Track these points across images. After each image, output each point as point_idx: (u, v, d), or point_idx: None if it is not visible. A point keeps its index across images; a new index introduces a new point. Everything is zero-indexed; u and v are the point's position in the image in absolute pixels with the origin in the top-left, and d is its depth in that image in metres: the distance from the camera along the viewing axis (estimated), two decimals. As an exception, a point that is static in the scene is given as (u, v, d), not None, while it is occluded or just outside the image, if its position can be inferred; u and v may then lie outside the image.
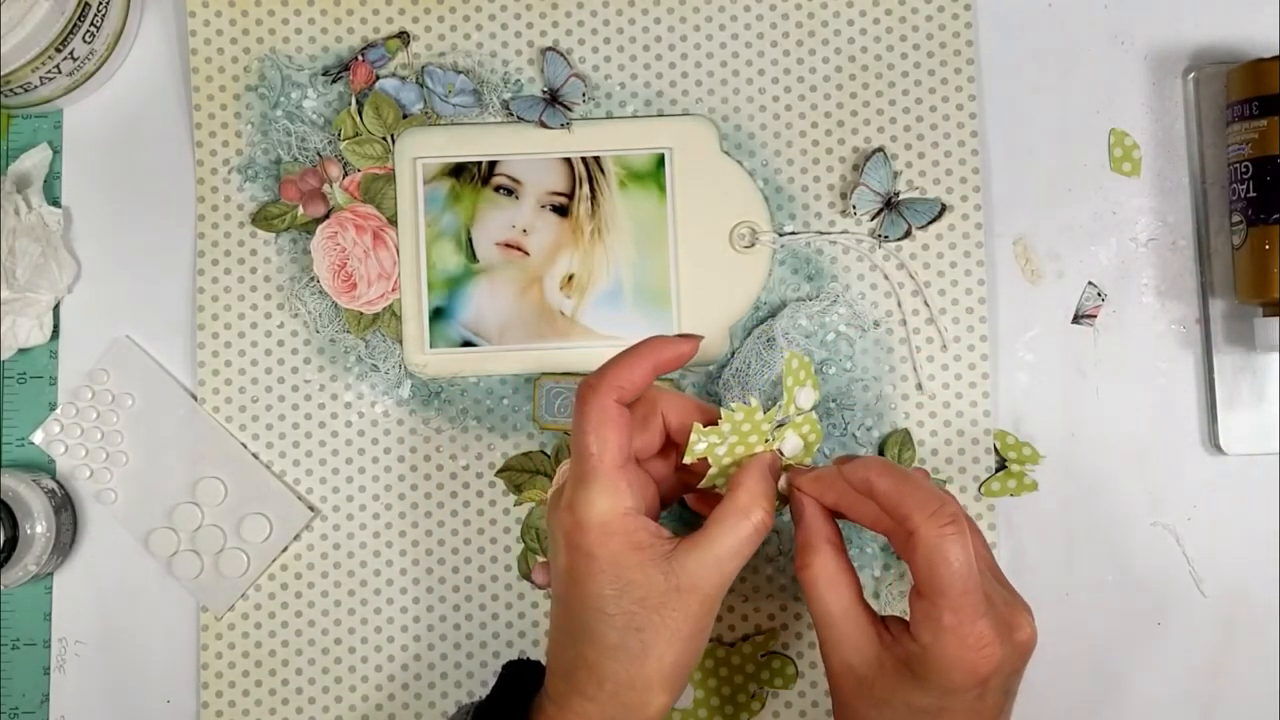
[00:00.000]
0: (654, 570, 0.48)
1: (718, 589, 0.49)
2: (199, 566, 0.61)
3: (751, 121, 0.63)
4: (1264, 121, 0.59)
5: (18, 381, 0.63)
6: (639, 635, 0.48)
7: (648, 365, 0.50)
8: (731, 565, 0.49)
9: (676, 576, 0.48)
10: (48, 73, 0.60)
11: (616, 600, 0.48)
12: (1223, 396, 0.62)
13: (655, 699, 0.48)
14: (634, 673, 0.48)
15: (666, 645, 0.48)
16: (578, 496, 0.48)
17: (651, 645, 0.48)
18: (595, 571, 0.48)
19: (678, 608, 0.48)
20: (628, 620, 0.47)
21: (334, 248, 0.62)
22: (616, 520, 0.48)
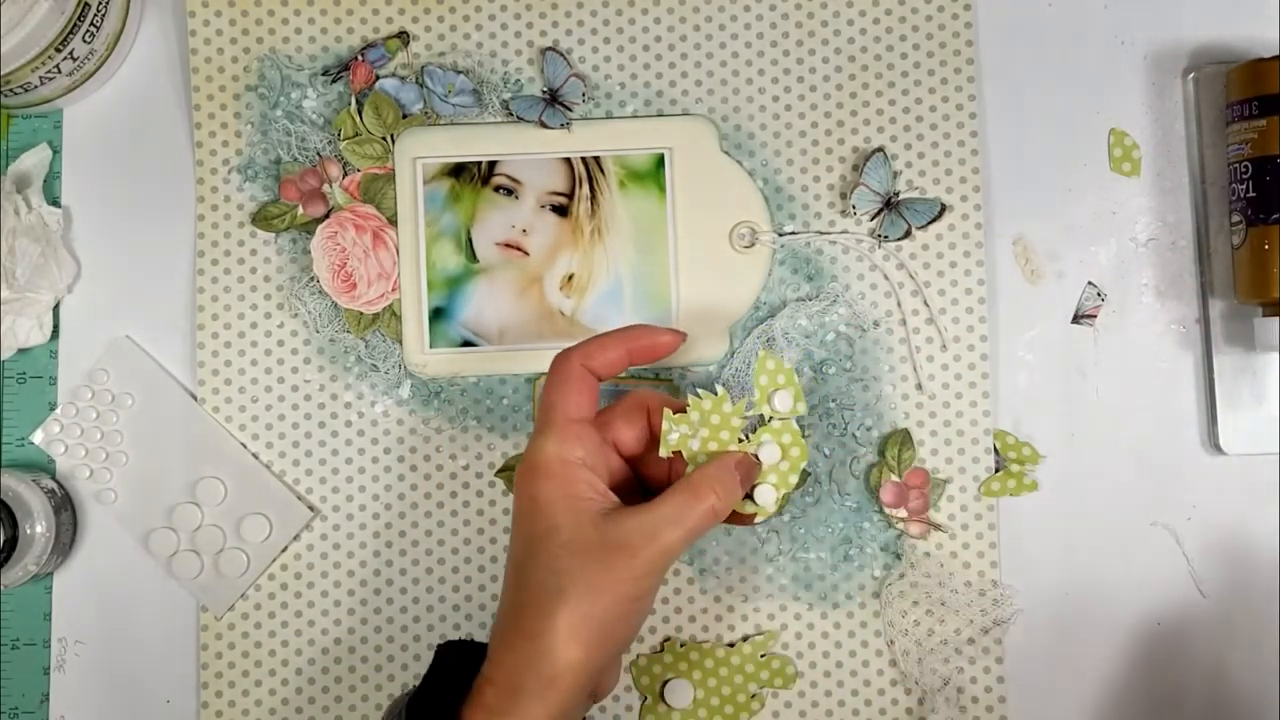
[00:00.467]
0: (585, 521, 0.48)
1: (651, 558, 0.48)
2: (199, 566, 0.61)
3: (751, 121, 0.63)
4: (1264, 121, 0.59)
5: (18, 381, 0.63)
6: (558, 579, 0.47)
7: (622, 345, 0.53)
8: (670, 536, 0.48)
9: (606, 531, 0.48)
10: (48, 73, 0.60)
11: (544, 541, 0.48)
12: (1222, 396, 0.62)
13: (564, 650, 0.47)
14: (547, 617, 0.47)
15: (581, 595, 0.47)
16: (531, 444, 0.50)
17: (568, 590, 0.47)
18: (531, 512, 0.49)
19: (601, 561, 0.47)
20: (550, 562, 0.48)
21: (334, 248, 0.62)
22: (558, 464, 0.49)
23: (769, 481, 0.53)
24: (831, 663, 0.61)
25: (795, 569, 0.61)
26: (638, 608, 0.49)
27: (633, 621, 0.49)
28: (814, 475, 0.61)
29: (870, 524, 0.61)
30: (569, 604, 0.47)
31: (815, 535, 0.61)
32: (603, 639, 0.48)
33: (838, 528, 0.61)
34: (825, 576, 0.61)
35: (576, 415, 0.51)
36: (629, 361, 0.53)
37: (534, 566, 0.48)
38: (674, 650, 0.61)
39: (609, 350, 0.52)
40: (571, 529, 0.48)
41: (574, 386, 0.51)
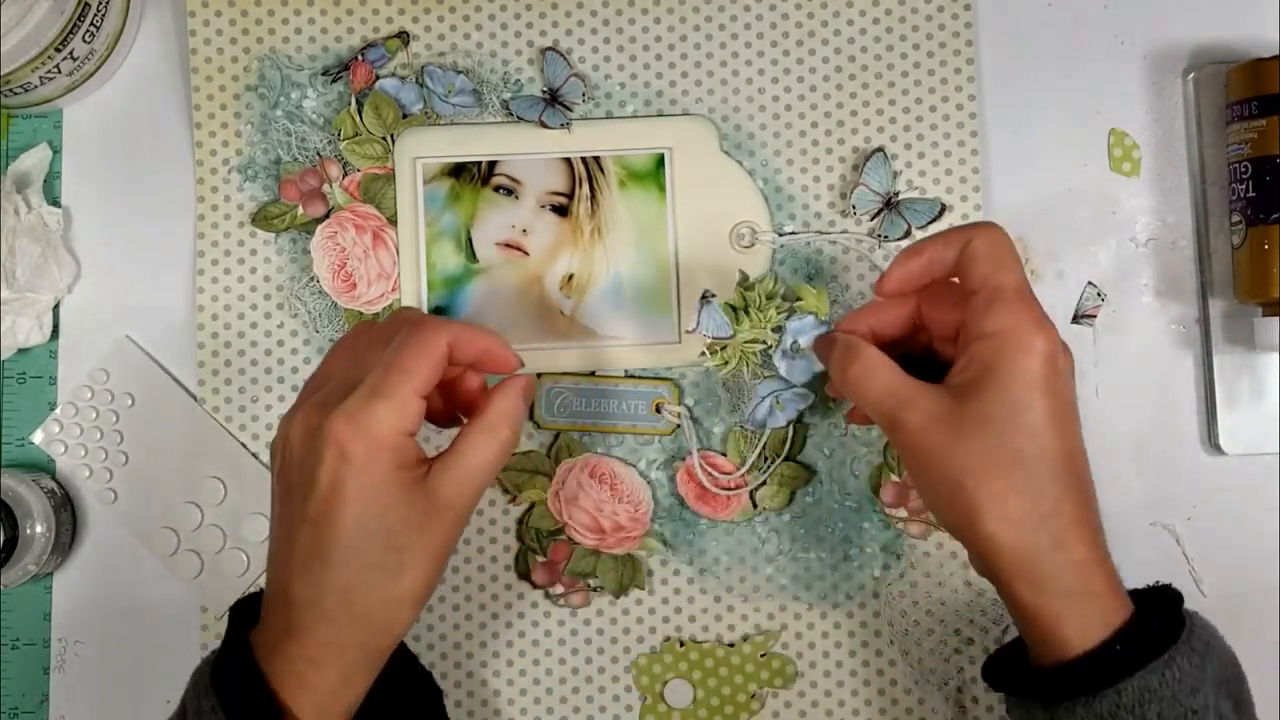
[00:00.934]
0: (416, 490, 0.47)
1: (470, 506, 0.49)
2: (199, 566, 0.61)
3: (751, 121, 0.63)
4: (1263, 121, 0.59)
5: (18, 381, 0.63)
6: (398, 555, 0.47)
7: (484, 342, 0.50)
8: (481, 481, 0.49)
9: (434, 497, 0.48)
10: (47, 72, 0.60)
11: (380, 519, 0.47)
12: (1222, 396, 0.62)
13: (403, 617, 0.48)
14: (388, 592, 0.47)
15: (421, 565, 0.48)
16: (368, 407, 0.47)
17: (409, 565, 0.47)
18: (364, 487, 0.47)
19: (436, 527, 0.48)
20: (389, 540, 0.47)
21: (334, 247, 0.62)
22: (397, 438, 0.47)
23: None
24: (831, 663, 0.61)
25: (795, 569, 0.61)
26: (452, 552, 0.50)
27: (447, 562, 0.50)
28: (814, 475, 0.61)
29: (870, 524, 0.61)
30: (409, 575, 0.47)
31: (815, 535, 0.61)
32: (430, 593, 0.49)
33: (838, 528, 0.61)
34: (825, 576, 0.61)
35: (424, 391, 0.48)
36: (477, 363, 0.51)
37: (368, 543, 0.47)
38: (674, 650, 0.61)
39: (477, 342, 0.50)
40: (408, 504, 0.47)
41: (435, 364, 0.48)
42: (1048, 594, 0.47)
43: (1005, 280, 0.48)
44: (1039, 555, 0.47)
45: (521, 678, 0.61)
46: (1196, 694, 0.46)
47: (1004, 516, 0.46)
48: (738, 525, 0.61)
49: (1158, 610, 0.48)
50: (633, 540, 0.61)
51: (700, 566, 0.61)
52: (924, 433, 0.48)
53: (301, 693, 0.47)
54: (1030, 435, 0.47)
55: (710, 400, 0.62)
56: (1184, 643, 0.47)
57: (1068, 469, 0.47)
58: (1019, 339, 0.47)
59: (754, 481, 0.61)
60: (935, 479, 0.48)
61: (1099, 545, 0.48)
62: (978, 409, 0.47)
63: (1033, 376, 0.47)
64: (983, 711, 0.61)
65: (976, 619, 0.61)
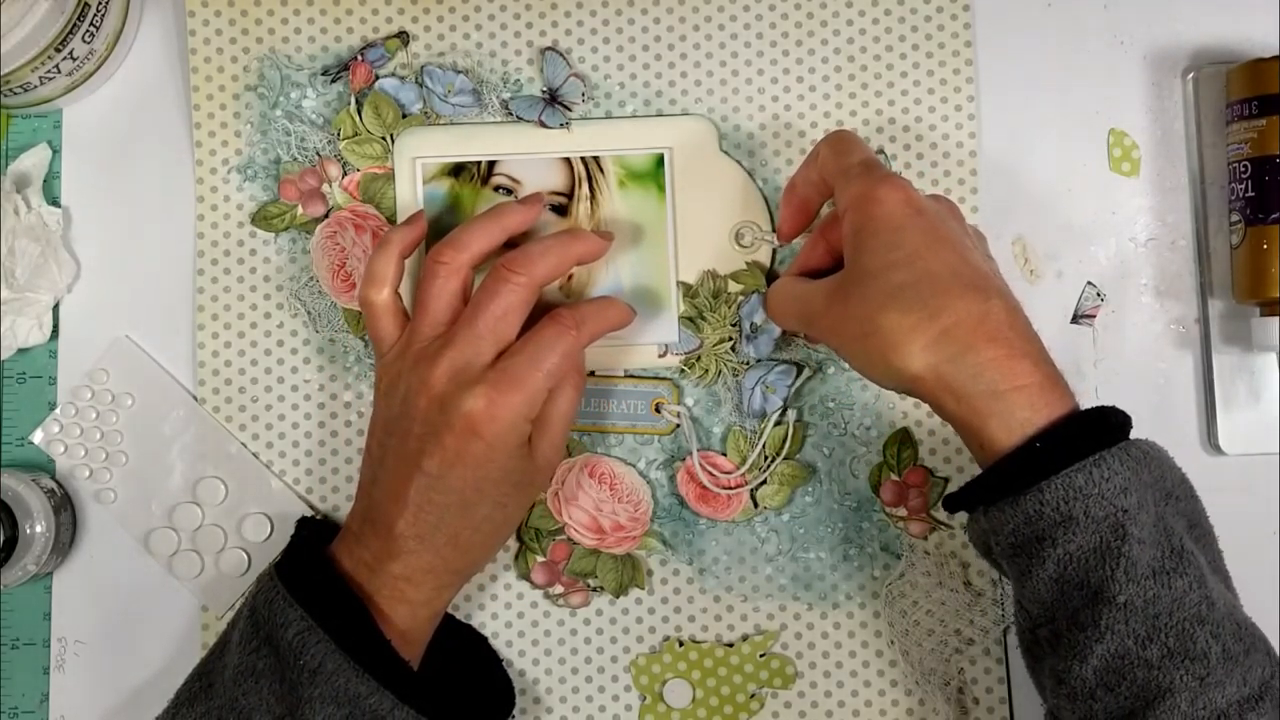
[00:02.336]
0: (524, 456, 0.54)
1: (560, 456, 0.57)
2: (199, 566, 0.62)
3: (751, 121, 0.63)
4: (1263, 121, 0.60)
5: (17, 381, 0.63)
6: (503, 509, 0.54)
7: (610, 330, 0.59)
8: (567, 432, 0.56)
9: (536, 458, 0.54)
10: (47, 72, 0.60)
11: (495, 484, 0.53)
12: (1221, 396, 0.62)
13: (496, 552, 0.57)
14: (490, 536, 0.55)
15: (519, 513, 0.56)
16: (507, 397, 0.52)
17: (511, 516, 0.56)
18: (486, 460, 0.52)
19: (535, 482, 0.56)
20: (498, 497, 0.53)
21: (333, 247, 0.62)
22: (524, 425, 0.53)
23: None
24: (831, 663, 0.61)
25: (795, 569, 0.61)
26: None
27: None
28: (814, 475, 0.62)
29: (870, 524, 0.61)
30: (510, 523, 0.56)
31: (815, 535, 0.61)
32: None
33: (838, 527, 0.61)
34: (825, 576, 0.61)
35: (553, 385, 0.55)
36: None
37: (482, 501, 0.53)
38: (673, 650, 0.61)
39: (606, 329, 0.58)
40: (517, 470, 0.54)
41: (574, 365, 0.56)
42: (970, 397, 0.48)
43: (846, 161, 0.53)
44: (951, 363, 0.48)
45: (521, 678, 0.61)
46: (1127, 494, 0.46)
47: (907, 345, 0.49)
48: (737, 525, 0.61)
49: (1104, 421, 0.48)
50: (632, 540, 0.61)
51: (700, 566, 0.61)
52: (826, 313, 0.52)
53: (398, 605, 0.53)
54: (906, 265, 0.49)
55: (710, 400, 0.62)
56: (1120, 449, 0.47)
57: (956, 280, 0.49)
58: (867, 197, 0.51)
59: (754, 480, 0.61)
60: (849, 341, 0.51)
61: (1019, 341, 0.49)
62: (858, 268, 0.51)
63: (890, 219, 0.50)
64: (984, 713, 0.61)
65: (977, 619, 0.61)
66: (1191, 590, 0.46)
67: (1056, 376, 0.49)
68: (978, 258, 0.51)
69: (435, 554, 0.53)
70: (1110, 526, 0.46)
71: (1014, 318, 0.49)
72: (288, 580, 0.52)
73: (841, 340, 0.52)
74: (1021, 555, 0.48)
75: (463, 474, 0.52)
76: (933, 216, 0.51)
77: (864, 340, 0.50)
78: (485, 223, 0.56)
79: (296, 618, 0.50)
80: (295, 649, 0.50)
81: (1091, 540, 0.46)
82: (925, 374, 0.49)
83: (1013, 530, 0.48)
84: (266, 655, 0.51)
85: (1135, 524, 0.46)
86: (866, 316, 0.50)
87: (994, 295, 0.49)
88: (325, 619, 0.50)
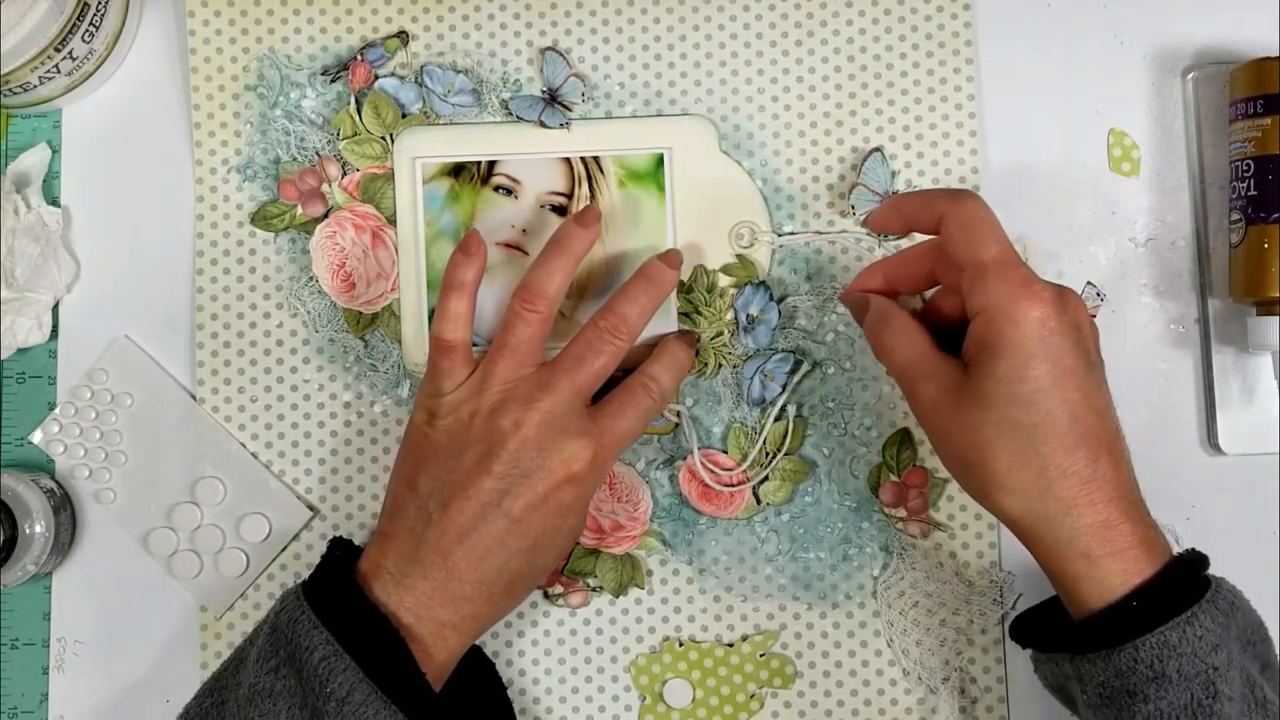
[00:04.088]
0: (586, 509, 0.55)
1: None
2: (198, 566, 0.62)
3: (750, 121, 0.63)
4: (1267, 120, 0.59)
5: (17, 381, 0.63)
6: (555, 563, 0.56)
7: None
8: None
9: (586, 498, 0.55)
10: (47, 72, 0.60)
11: (570, 531, 0.54)
12: (1221, 396, 0.62)
13: (525, 599, 0.56)
14: (540, 578, 0.55)
15: (563, 557, 0.59)
16: (612, 444, 0.54)
17: (561, 559, 0.58)
18: (573, 508, 0.53)
19: (577, 537, 0.57)
20: (564, 543, 0.54)
21: (333, 247, 0.62)
22: (613, 464, 0.56)
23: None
24: (831, 663, 0.61)
25: (795, 569, 0.61)
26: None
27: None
28: (814, 475, 0.61)
29: (870, 524, 0.61)
30: (555, 566, 0.58)
31: (815, 535, 0.61)
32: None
33: (837, 527, 0.61)
34: (825, 576, 0.61)
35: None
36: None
37: (549, 545, 0.53)
38: (673, 650, 0.61)
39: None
40: (582, 521, 0.55)
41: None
42: (1063, 558, 0.48)
43: (984, 255, 0.49)
44: (1049, 521, 0.48)
45: (521, 678, 0.61)
46: (1218, 651, 0.47)
47: (1009, 489, 0.48)
48: (737, 525, 0.61)
49: (1184, 572, 0.49)
50: (632, 540, 0.61)
51: (699, 566, 0.61)
52: (935, 409, 0.50)
53: (439, 654, 0.51)
54: (1026, 405, 0.48)
55: (710, 399, 0.62)
56: (1208, 601, 0.47)
57: (1073, 431, 0.48)
58: (1004, 312, 0.48)
59: (756, 476, 0.61)
60: (950, 453, 0.51)
61: (1120, 503, 0.48)
62: (978, 385, 0.49)
63: (1021, 346, 0.48)
64: (983, 712, 0.61)
65: (973, 614, 0.60)
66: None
67: (1153, 536, 0.49)
68: (1098, 395, 0.50)
69: (488, 601, 0.52)
70: (1202, 684, 0.46)
71: (1119, 473, 0.49)
72: (315, 602, 0.50)
73: (943, 448, 0.51)
74: (1110, 707, 0.48)
75: (544, 521, 0.52)
76: (1063, 342, 0.49)
77: (966, 466, 0.50)
78: (559, 257, 0.56)
79: (323, 641, 0.48)
80: (321, 675, 0.48)
81: (1183, 698, 0.46)
82: (1022, 522, 0.49)
83: (1102, 683, 0.48)
84: (287, 677, 0.49)
85: (1225, 681, 0.47)
86: (975, 445, 0.49)
87: (1105, 450, 0.48)
88: (354, 646, 0.49)
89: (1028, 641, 0.53)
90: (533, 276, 0.55)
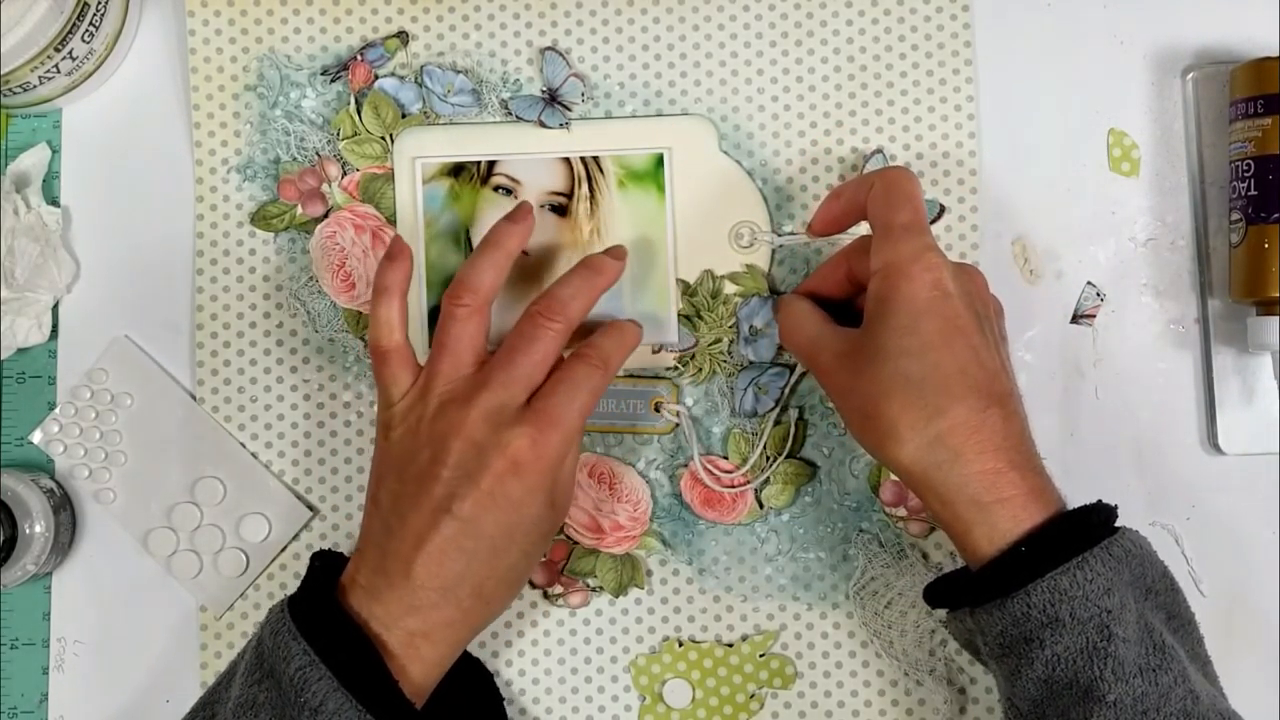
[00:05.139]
0: (549, 506, 0.53)
1: (570, 504, 0.56)
2: (198, 566, 0.62)
3: (750, 121, 0.63)
4: (1268, 120, 0.59)
5: (17, 381, 0.63)
6: (527, 557, 0.53)
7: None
8: (574, 483, 0.56)
9: (556, 505, 0.53)
10: (47, 72, 0.60)
11: (527, 527, 0.52)
12: (1221, 396, 0.62)
13: (511, 601, 0.55)
14: (513, 584, 0.54)
15: (538, 558, 0.55)
16: (546, 435, 0.52)
17: (533, 561, 0.54)
18: (523, 501, 0.51)
19: (552, 532, 0.55)
20: (525, 542, 0.52)
21: (333, 247, 0.62)
22: (563, 460, 0.53)
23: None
24: (831, 663, 0.61)
25: (795, 569, 0.61)
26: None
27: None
28: (814, 476, 0.61)
29: (870, 524, 0.61)
30: (530, 569, 0.55)
31: (815, 535, 0.61)
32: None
33: (837, 527, 0.61)
34: (825, 576, 0.61)
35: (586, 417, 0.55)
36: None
37: (509, 545, 0.52)
38: (673, 650, 0.61)
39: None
40: (545, 515, 0.53)
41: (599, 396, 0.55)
42: (954, 504, 0.49)
43: (894, 218, 0.52)
44: (938, 469, 0.49)
45: (520, 678, 0.61)
46: (1110, 595, 0.48)
47: (901, 438, 0.50)
48: (738, 525, 0.61)
49: (1078, 521, 0.49)
50: (632, 540, 0.61)
51: (699, 566, 0.61)
52: (833, 370, 0.52)
53: (413, 664, 0.51)
54: (917, 356, 0.50)
55: (709, 402, 0.62)
56: (1101, 548, 0.48)
57: (960, 381, 0.50)
58: (900, 269, 0.50)
59: (757, 479, 0.61)
60: (849, 412, 0.52)
61: (1008, 453, 0.50)
62: (873, 341, 0.51)
63: (915, 302, 0.50)
64: (982, 693, 0.61)
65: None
66: (1177, 685, 0.47)
67: (1043, 485, 0.50)
68: (990, 354, 0.51)
69: (456, 607, 0.51)
70: (1096, 627, 0.47)
71: (1009, 425, 0.50)
72: (296, 614, 0.50)
73: (842, 407, 0.54)
74: (1010, 656, 0.49)
75: (497, 518, 0.51)
76: (956, 303, 0.51)
77: (863, 419, 0.51)
78: (490, 254, 0.55)
79: (300, 651, 0.49)
80: (297, 684, 0.48)
81: (1078, 641, 0.47)
82: (914, 471, 0.50)
83: (1000, 632, 0.49)
84: (268, 689, 0.49)
85: (1119, 623, 0.47)
86: (870, 397, 0.50)
87: (994, 402, 0.50)
88: (329, 656, 0.49)
89: (937, 602, 0.53)
90: (462, 273, 0.55)
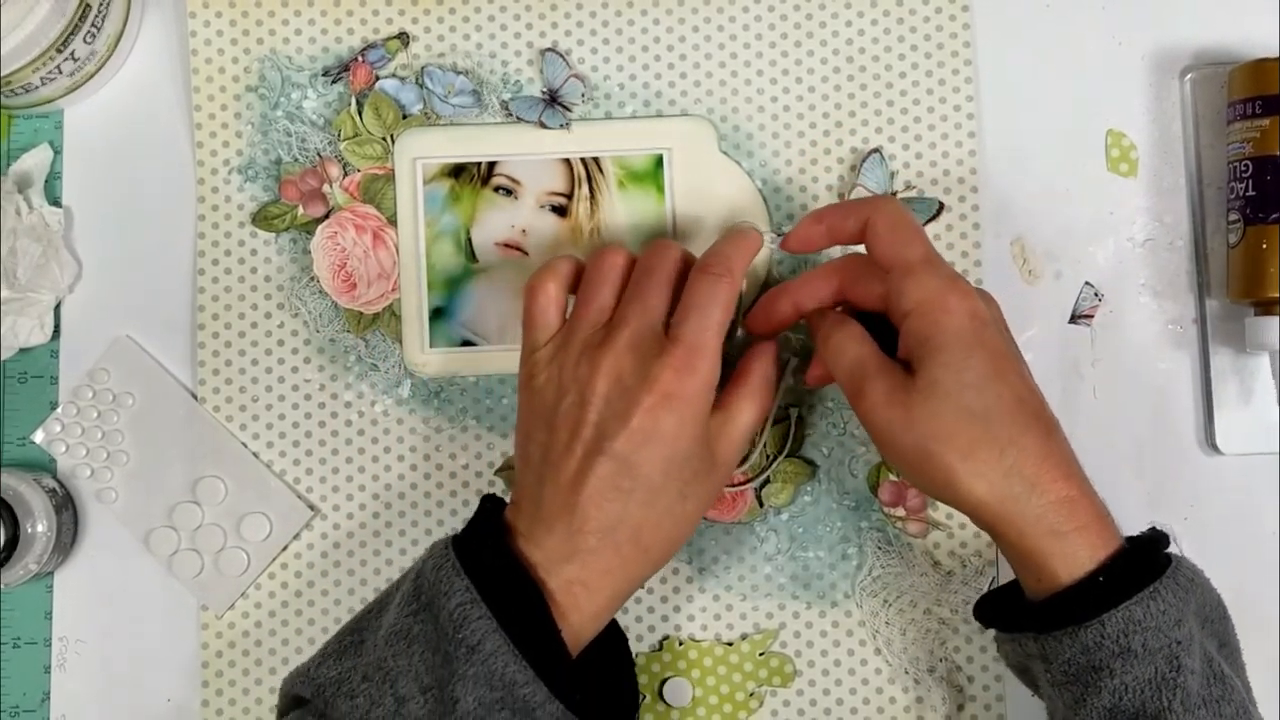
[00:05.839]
0: (705, 442, 0.52)
1: (735, 465, 0.55)
2: (199, 565, 0.62)
3: (750, 122, 0.63)
4: (1266, 121, 0.60)
5: (18, 381, 0.63)
6: (683, 501, 0.52)
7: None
8: (746, 441, 0.54)
9: (715, 453, 0.52)
10: (49, 73, 0.60)
11: (682, 464, 0.51)
12: (1219, 396, 0.62)
13: (669, 556, 0.53)
14: (671, 531, 0.52)
15: (698, 511, 0.53)
16: (693, 361, 0.51)
17: (691, 510, 0.52)
18: (677, 434, 0.50)
19: (712, 479, 0.53)
20: (682, 484, 0.51)
21: (334, 248, 0.62)
22: (709, 391, 0.52)
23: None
24: (830, 661, 0.61)
25: (794, 568, 0.61)
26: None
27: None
28: (814, 475, 0.62)
29: (869, 523, 0.61)
30: (688, 522, 0.53)
31: (814, 534, 0.62)
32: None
33: (836, 527, 0.62)
34: (824, 575, 0.61)
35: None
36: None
37: (667, 484, 0.51)
38: (672, 649, 0.61)
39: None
40: (699, 455, 0.52)
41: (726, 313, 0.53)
42: (1033, 536, 0.49)
43: (908, 254, 0.52)
44: (1017, 501, 0.49)
45: (521, 676, 0.61)
46: (1180, 626, 0.48)
47: (975, 473, 0.49)
48: (737, 524, 0.62)
49: (1145, 548, 0.50)
50: (632, 539, 0.61)
51: (699, 565, 0.62)
52: (887, 405, 0.51)
53: (571, 613, 0.50)
54: (977, 390, 0.49)
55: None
56: (1169, 577, 0.48)
57: (1021, 411, 0.50)
58: (937, 305, 0.50)
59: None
60: (902, 450, 0.51)
61: (1076, 479, 0.50)
62: (928, 377, 0.50)
63: (961, 335, 0.50)
64: (979, 691, 0.61)
65: (959, 606, 0.61)
66: (1238, 715, 0.48)
67: (1104, 509, 0.50)
68: (1031, 378, 0.52)
69: (615, 553, 0.50)
70: (1165, 658, 0.47)
71: (1067, 448, 0.51)
72: (461, 551, 0.50)
73: (893, 444, 0.51)
74: (1075, 684, 0.49)
75: (651, 453, 0.50)
76: (994, 330, 0.51)
77: (923, 459, 0.50)
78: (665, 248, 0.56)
79: (462, 588, 0.48)
80: (456, 620, 0.48)
81: (1147, 671, 0.47)
82: (989, 504, 0.49)
83: (1068, 659, 0.49)
84: (424, 621, 0.49)
85: (1188, 654, 0.47)
86: (933, 435, 0.49)
87: (1054, 427, 0.50)
88: (491, 595, 0.48)
89: (991, 622, 0.53)
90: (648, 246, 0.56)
